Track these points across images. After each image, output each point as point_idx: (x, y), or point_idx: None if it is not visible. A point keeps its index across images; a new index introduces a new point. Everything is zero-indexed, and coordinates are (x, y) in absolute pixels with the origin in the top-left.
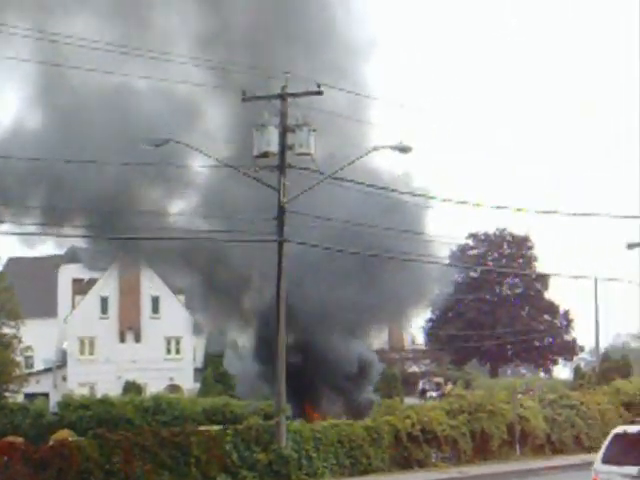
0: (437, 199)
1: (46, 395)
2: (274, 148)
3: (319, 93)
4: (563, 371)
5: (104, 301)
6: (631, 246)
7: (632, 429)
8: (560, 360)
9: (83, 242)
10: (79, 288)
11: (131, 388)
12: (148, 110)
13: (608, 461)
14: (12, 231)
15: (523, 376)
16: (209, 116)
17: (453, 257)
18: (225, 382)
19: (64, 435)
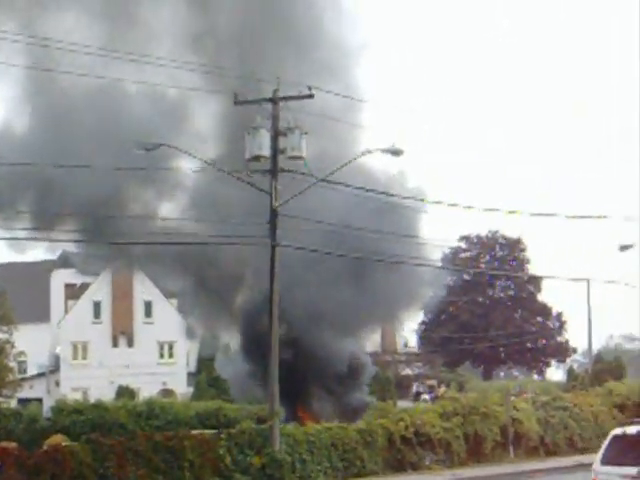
0: (428, 201)
1: (39, 400)
2: (266, 152)
3: (310, 96)
4: (556, 373)
5: (97, 306)
6: (623, 248)
7: (631, 430)
8: (553, 362)
9: (74, 246)
10: (72, 293)
11: (124, 393)
12: (137, 112)
13: (607, 462)
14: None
15: (516, 378)
16: (198, 118)
17: (445, 260)
18: (218, 386)
19: (57, 440)
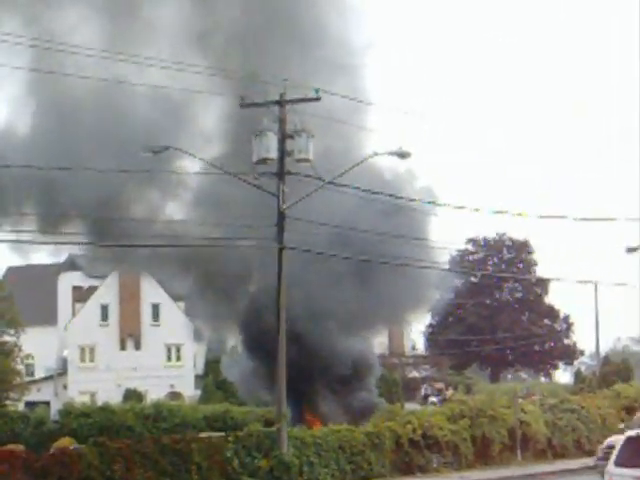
0: (436, 203)
1: (47, 403)
2: (273, 154)
3: (317, 99)
4: (564, 375)
5: (104, 308)
6: (630, 250)
7: None
8: (561, 364)
9: (81, 249)
10: (79, 296)
11: (132, 396)
12: (141, 112)
13: (621, 464)
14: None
15: (524, 381)
16: (203, 118)
17: (453, 262)
18: (226, 389)
19: (65, 443)
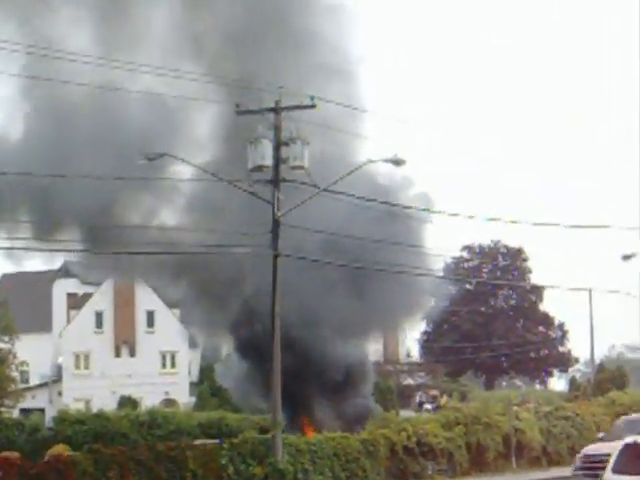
0: (431, 211)
1: (42, 410)
2: (268, 162)
3: (312, 107)
4: (558, 383)
5: (99, 315)
6: (626, 257)
7: None
8: (555, 372)
9: (75, 256)
10: (74, 303)
11: (126, 403)
12: (135, 117)
13: (619, 471)
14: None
15: (518, 388)
16: (197, 122)
17: (447, 269)
18: (221, 396)
19: (60, 450)
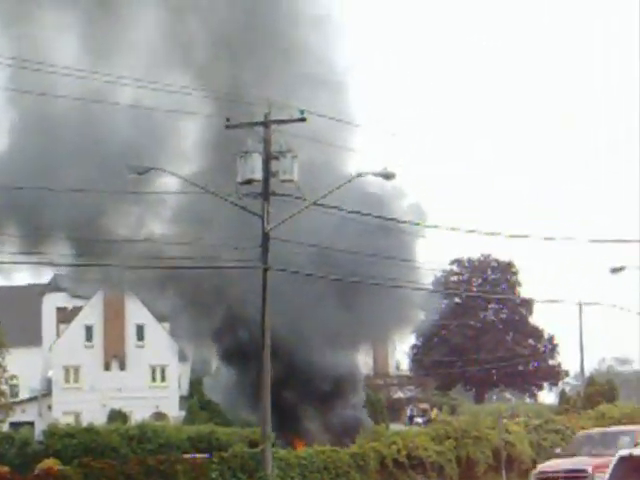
0: (422, 225)
1: (31, 424)
2: (258, 175)
3: (302, 120)
4: (548, 396)
5: (89, 329)
6: (615, 270)
7: (637, 451)
8: (545, 385)
9: (64, 270)
10: (63, 316)
11: (116, 416)
12: (122, 128)
13: None
14: None
15: (508, 401)
16: (185, 135)
17: (437, 283)
18: (210, 409)
19: (50, 464)
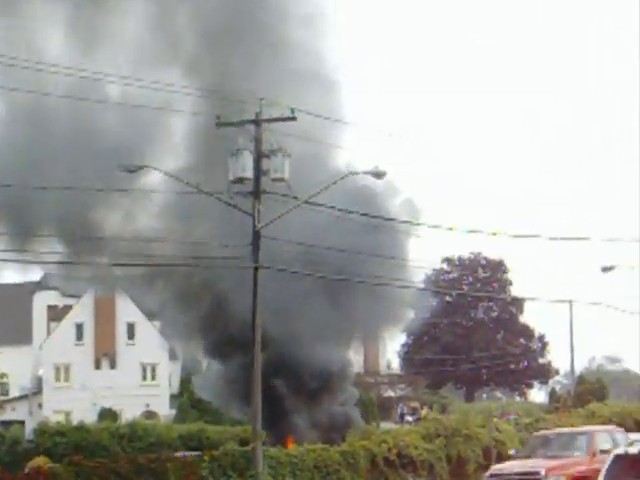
0: (412, 223)
1: (22, 422)
2: (249, 174)
3: (293, 119)
4: (539, 395)
5: (79, 328)
6: (605, 269)
7: (633, 450)
8: (535, 384)
9: (54, 268)
10: (54, 315)
11: (107, 415)
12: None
13: None
14: None
15: (499, 400)
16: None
17: (428, 281)
18: (201, 408)
19: (40, 462)
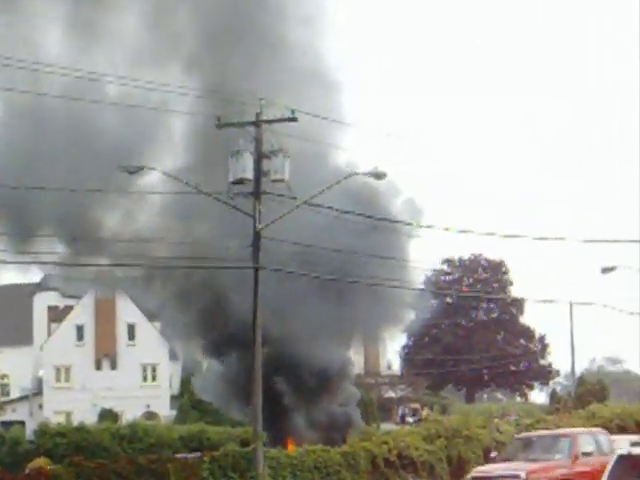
0: (413, 225)
1: (22, 423)
2: (249, 174)
3: (294, 120)
4: (539, 396)
5: (80, 329)
6: (605, 270)
7: (636, 450)
8: (536, 385)
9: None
10: (54, 316)
11: (107, 416)
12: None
13: None
14: None
15: (499, 401)
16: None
17: (428, 282)
18: (201, 409)
19: (40, 463)
